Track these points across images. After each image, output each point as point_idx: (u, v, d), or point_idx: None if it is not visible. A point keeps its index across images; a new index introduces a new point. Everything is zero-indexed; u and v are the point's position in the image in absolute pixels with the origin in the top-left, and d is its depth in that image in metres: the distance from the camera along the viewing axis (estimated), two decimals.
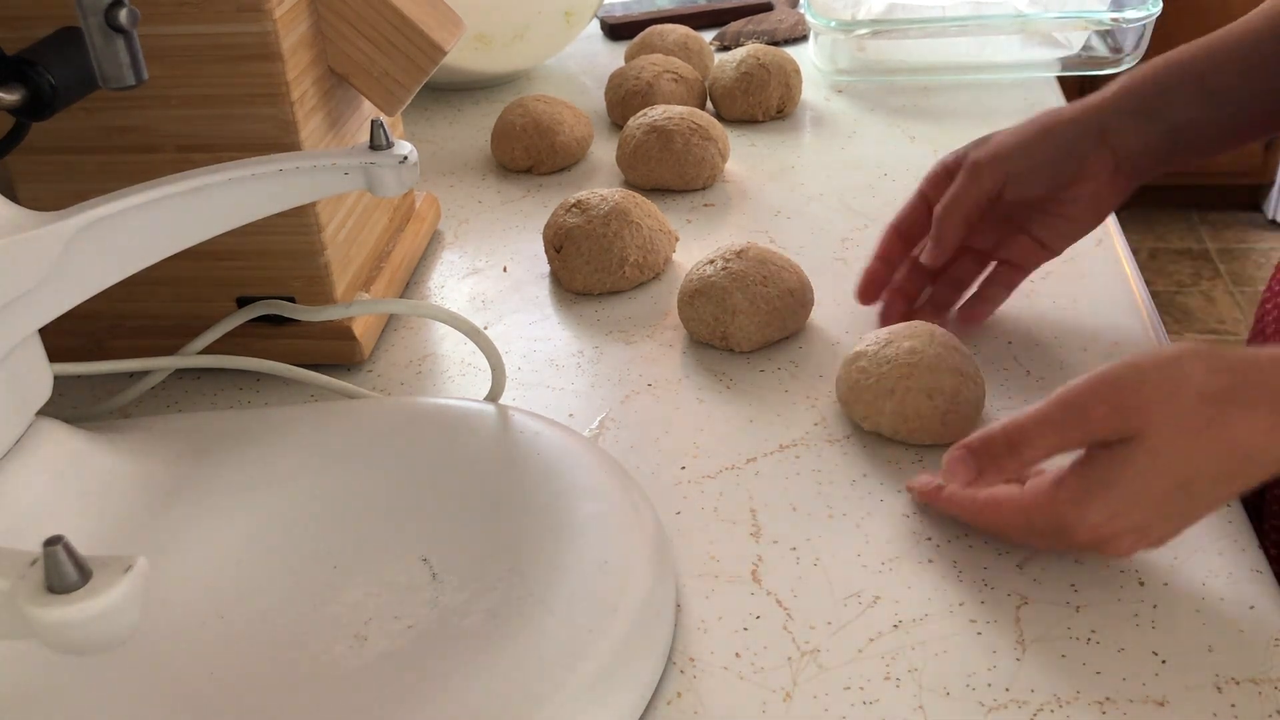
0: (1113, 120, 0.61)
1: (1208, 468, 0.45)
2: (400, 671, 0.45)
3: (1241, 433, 0.44)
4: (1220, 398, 0.44)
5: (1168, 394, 0.44)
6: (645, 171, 0.86)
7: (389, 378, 0.68)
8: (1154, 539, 0.48)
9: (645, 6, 1.23)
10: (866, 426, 0.59)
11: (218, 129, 0.61)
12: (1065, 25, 1.02)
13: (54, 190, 0.64)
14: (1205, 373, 0.44)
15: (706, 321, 0.67)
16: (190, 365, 0.63)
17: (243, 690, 0.45)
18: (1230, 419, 0.44)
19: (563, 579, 0.48)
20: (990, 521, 0.51)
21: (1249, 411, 0.44)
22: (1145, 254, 2.61)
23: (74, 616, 0.32)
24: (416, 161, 0.55)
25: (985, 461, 0.48)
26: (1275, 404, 0.44)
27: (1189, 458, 0.45)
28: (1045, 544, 0.50)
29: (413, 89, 0.67)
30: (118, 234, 0.51)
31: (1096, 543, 0.47)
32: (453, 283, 0.78)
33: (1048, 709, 0.45)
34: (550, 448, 0.56)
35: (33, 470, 0.50)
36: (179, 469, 0.55)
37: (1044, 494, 0.47)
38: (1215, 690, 0.45)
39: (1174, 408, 0.44)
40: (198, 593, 0.49)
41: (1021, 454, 0.47)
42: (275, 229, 0.61)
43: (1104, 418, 0.45)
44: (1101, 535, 0.47)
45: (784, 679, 0.47)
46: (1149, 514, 0.46)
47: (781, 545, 0.53)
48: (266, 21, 0.58)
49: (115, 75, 0.44)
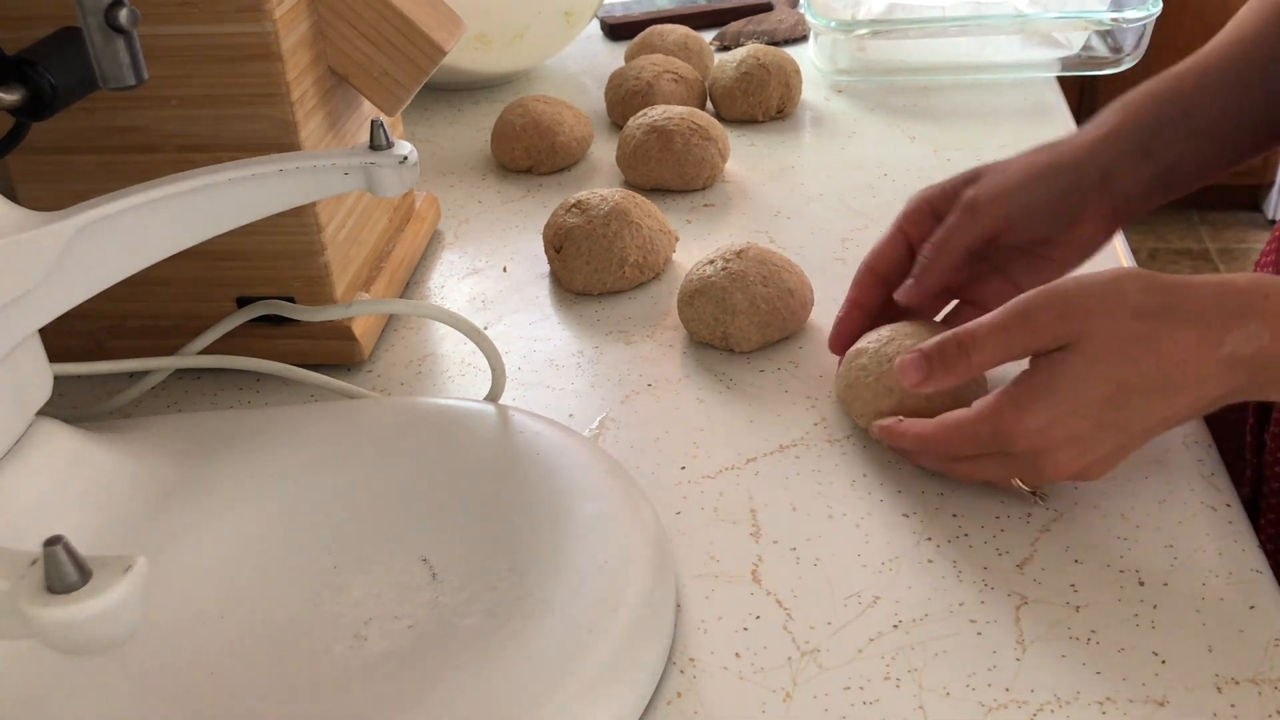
0: (1114, 163, 0.59)
1: (1139, 379, 0.48)
2: (400, 671, 0.45)
3: (1169, 346, 0.47)
4: (1153, 313, 0.47)
5: (1106, 306, 0.48)
6: (645, 171, 0.86)
7: (389, 378, 0.68)
8: (1090, 459, 0.50)
9: (645, 6, 1.23)
10: (863, 424, 0.59)
11: (218, 129, 0.61)
12: (1065, 25, 1.02)
13: (54, 190, 0.64)
14: (1141, 290, 0.48)
15: (706, 321, 0.67)
16: (190, 365, 0.63)
17: (243, 690, 0.45)
18: (1160, 334, 0.47)
19: (563, 579, 0.48)
20: (942, 443, 0.53)
21: (1177, 328, 0.47)
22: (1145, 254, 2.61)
23: (74, 616, 0.32)
24: (416, 161, 0.55)
25: (936, 362, 0.52)
26: (1201, 323, 0.47)
27: (1122, 366, 0.48)
28: (993, 470, 0.53)
29: (413, 89, 0.67)
30: (118, 234, 0.51)
31: (1036, 452, 0.50)
32: (453, 283, 0.78)
33: (1048, 709, 0.45)
34: (550, 448, 0.56)
35: (33, 470, 0.50)
36: (179, 469, 0.55)
37: (988, 403, 0.51)
38: (1215, 690, 0.45)
39: (1111, 319, 0.48)
40: (197, 593, 0.49)
41: (970, 356, 0.51)
42: (275, 229, 0.61)
43: (1047, 324, 0.49)
44: (1040, 445, 0.49)
45: (784, 679, 0.47)
46: (1085, 423, 0.49)
47: (781, 545, 0.53)
48: (266, 21, 0.58)
49: (115, 75, 0.44)
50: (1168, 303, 0.48)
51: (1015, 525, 0.54)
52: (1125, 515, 0.54)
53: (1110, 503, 0.54)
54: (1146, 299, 0.48)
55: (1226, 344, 0.47)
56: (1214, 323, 0.47)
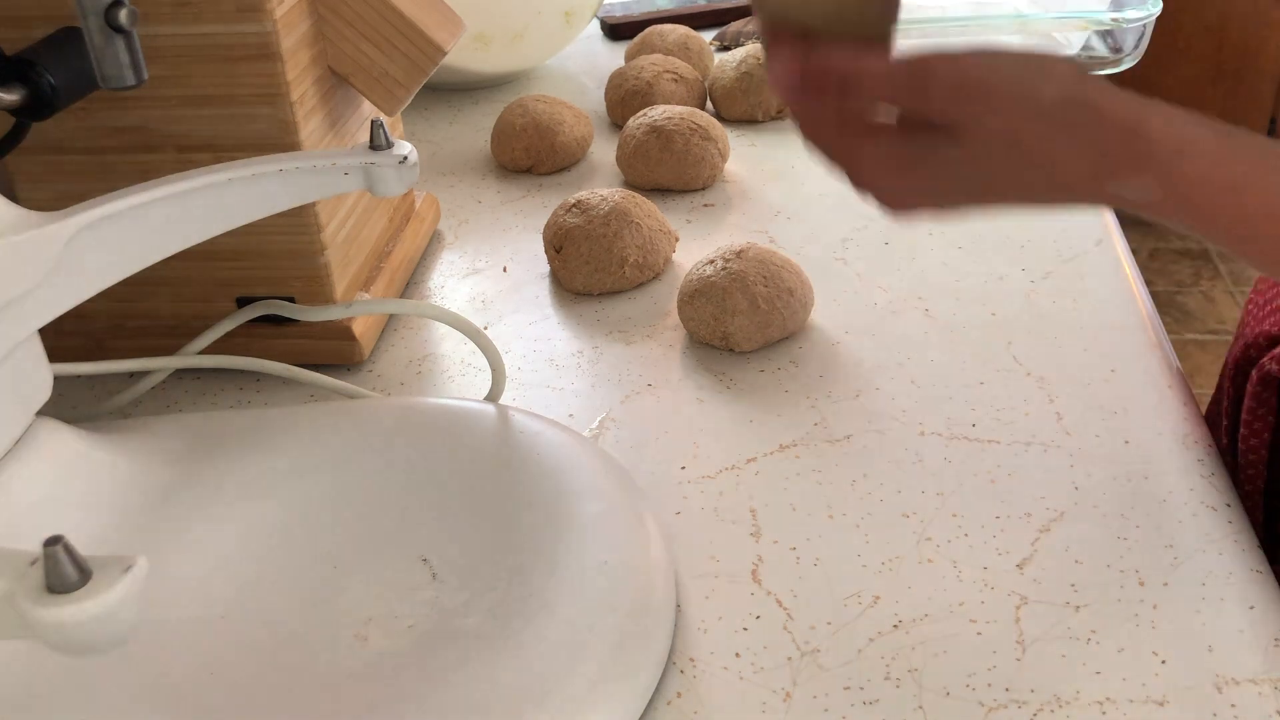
0: None
1: (1013, 188, 0.43)
2: (400, 671, 0.45)
3: (1059, 170, 0.42)
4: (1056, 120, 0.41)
5: (1009, 101, 0.42)
6: (645, 171, 0.86)
7: (389, 378, 0.68)
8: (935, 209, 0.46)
9: (645, 6, 1.23)
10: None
11: (218, 129, 0.61)
12: (1065, 25, 1.02)
13: (54, 190, 0.64)
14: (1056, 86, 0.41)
15: (706, 321, 0.67)
16: (190, 365, 0.63)
17: (243, 690, 0.45)
18: (1054, 150, 0.42)
19: (563, 579, 0.48)
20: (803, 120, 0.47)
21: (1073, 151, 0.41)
22: (1145, 254, 2.60)
23: (74, 616, 0.32)
24: (416, 161, 0.55)
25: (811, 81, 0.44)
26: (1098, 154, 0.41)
27: (1000, 174, 0.43)
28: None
29: (413, 89, 0.67)
30: (118, 234, 0.51)
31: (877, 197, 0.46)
32: (453, 283, 0.78)
33: (1048, 709, 0.45)
34: (550, 448, 0.56)
35: (33, 470, 0.50)
36: (179, 469, 0.55)
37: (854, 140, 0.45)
38: (1215, 690, 0.45)
39: (1008, 117, 0.42)
40: (198, 592, 0.49)
41: (846, 93, 0.44)
42: (275, 229, 0.61)
43: (940, 96, 0.42)
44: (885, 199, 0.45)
45: (784, 679, 0.47)
46: (941, 200, 0.45)
47: (781, 545, 0.53)
48: (266, 21, 0.58)
49: (115, 75, 0.44)
50: (1074, 118, 0.41)
51: (1015, 525, 0.54)
52: (1125, 515, 0.54)
53: (1110, 503, 0.54)
54: (1057, 96, 0.41)
55: (1115, 185, 0.42)
56: (1111, 158, 0.41)
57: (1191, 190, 0.40)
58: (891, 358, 0.66)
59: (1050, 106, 0.41)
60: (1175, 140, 0.40)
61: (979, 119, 0.42)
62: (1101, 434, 0.59)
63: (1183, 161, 0.40)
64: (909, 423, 0.61)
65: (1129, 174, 0.41)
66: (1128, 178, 0.41)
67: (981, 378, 0.64)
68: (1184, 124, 0.41)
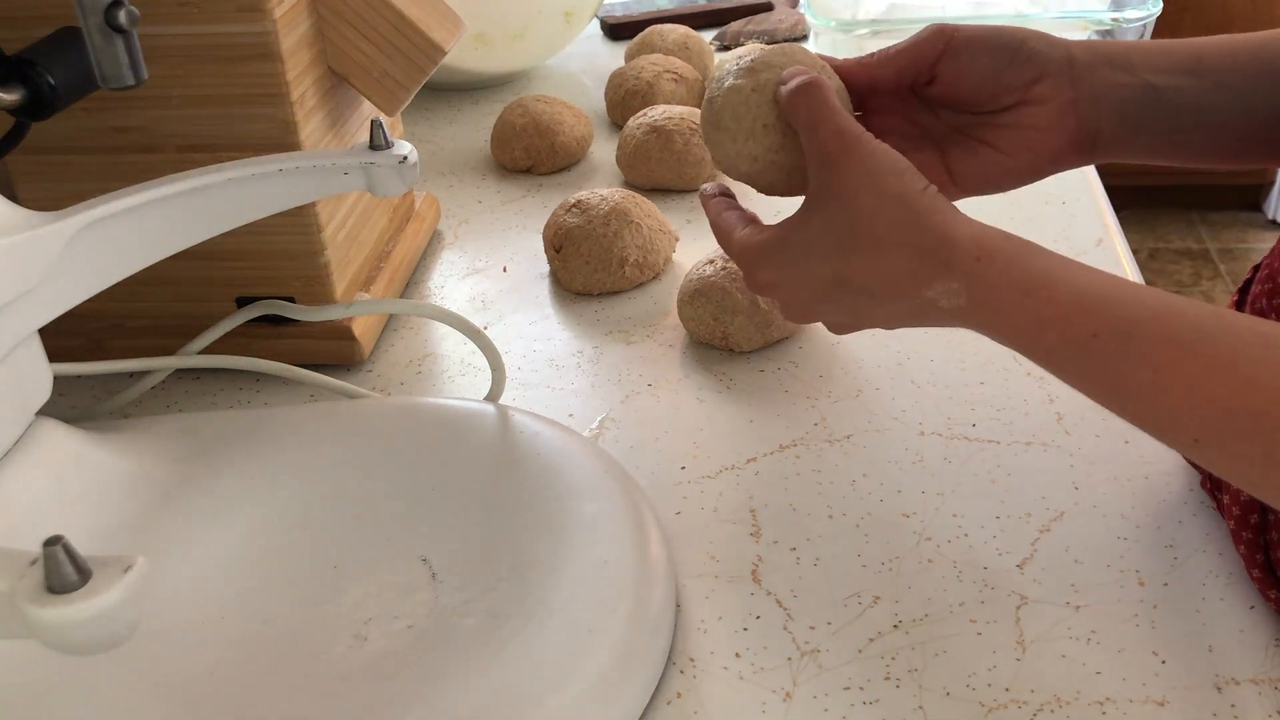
0: (1087, 54, 0.52)
1: (852, 278, 0.47)
2: (400, 671, 0.45)
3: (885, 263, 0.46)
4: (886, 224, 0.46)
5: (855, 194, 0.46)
6: (645, 171, 0.86)
7: (389, 378, 0.68)
8: (817, 320, 0.51)
9: (645, 6, 1.23)
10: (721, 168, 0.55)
11: (218, 129, 0.61)
12: (1065, 25, 1.02)
13: (54, 190, 0.64)
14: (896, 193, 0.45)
15: (706, 321, 0.67)
16: (190, 365, 0.63)
17: (243, 690, 0.45)
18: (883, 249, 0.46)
19: (563, 579, 0.48)
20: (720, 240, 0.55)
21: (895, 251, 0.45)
22: (1145, 254, 2.60)
23: (73, 616, 0.32)
24: (416, 161, 0.55)
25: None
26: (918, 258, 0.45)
27: (840, 260, 0.47)
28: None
29: (413, 89, 0.67)
30: (118, 234, 0.51)
31: (768, 296, 0.53)
32: (453, 283, 0.78)
33: (1048, 709, 0.45)
34: (550, 448, 0.56)
35: (33, 470, 0.50)
36: (179, 469, 0.55)
37: (742, 240, 0.52)
38: (1215, 690, 0.45)
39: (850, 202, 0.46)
40: (198, 592, 0.49)
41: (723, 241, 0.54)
42: (275, 229, 0.61)
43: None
44: (771, 295, 0.51)
45: (784, 679, 0.47)
46: (808, 293, 0.49)
47: (781, 545, 0.53)
48: (266, 21, 0.58)
49: (115, 75, 0.44)
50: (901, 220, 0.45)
51: (1015, 525, 0.54)
52: (1125, 515, 0.54)
53: (1110, 503, 0.54)
54: (897, 192, 0.46)
55: (930, 290, 0.45)
56: (927, 264, 0.45)
57: (989, 294, 0.44)
58: (891, 358, 0.66)
59: (888, 202, 0.45)
60: (978, 248, 0.44)
61: (842, 190, 0.47)
62: (1101, 434, 0.59)
63: (982, 266, 0.44)
64: (909, 423, 0.61)
65: (940, 277, 0.44)
66: (942, 281, 0.44)
67: (981, 378, 0.64)
68: (991, 236, 0.44)
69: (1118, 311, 0.41)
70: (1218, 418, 0.38)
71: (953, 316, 0.45)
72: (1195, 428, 0.39)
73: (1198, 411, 0.38)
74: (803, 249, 0.48)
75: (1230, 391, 0.38)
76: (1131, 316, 0.41)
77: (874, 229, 0.46)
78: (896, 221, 0.45)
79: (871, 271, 0.46)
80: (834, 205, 0.47)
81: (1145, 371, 0.40)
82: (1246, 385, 0.38)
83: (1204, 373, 0.39)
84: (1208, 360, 0.39)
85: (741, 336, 0.66)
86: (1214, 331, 0.39)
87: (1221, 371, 0.38)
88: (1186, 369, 0.39)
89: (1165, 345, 0.40)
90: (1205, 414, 0.38)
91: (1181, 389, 0.39)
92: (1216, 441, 0.39)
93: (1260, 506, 0.49)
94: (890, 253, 0.45)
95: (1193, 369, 0.39)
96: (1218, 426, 0.38)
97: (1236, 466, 0.39)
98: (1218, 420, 0.38)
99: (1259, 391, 0.37)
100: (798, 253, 0.48)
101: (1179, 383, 0.39)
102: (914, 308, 0.46)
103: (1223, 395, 0.38)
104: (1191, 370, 0.39)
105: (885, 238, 0.45)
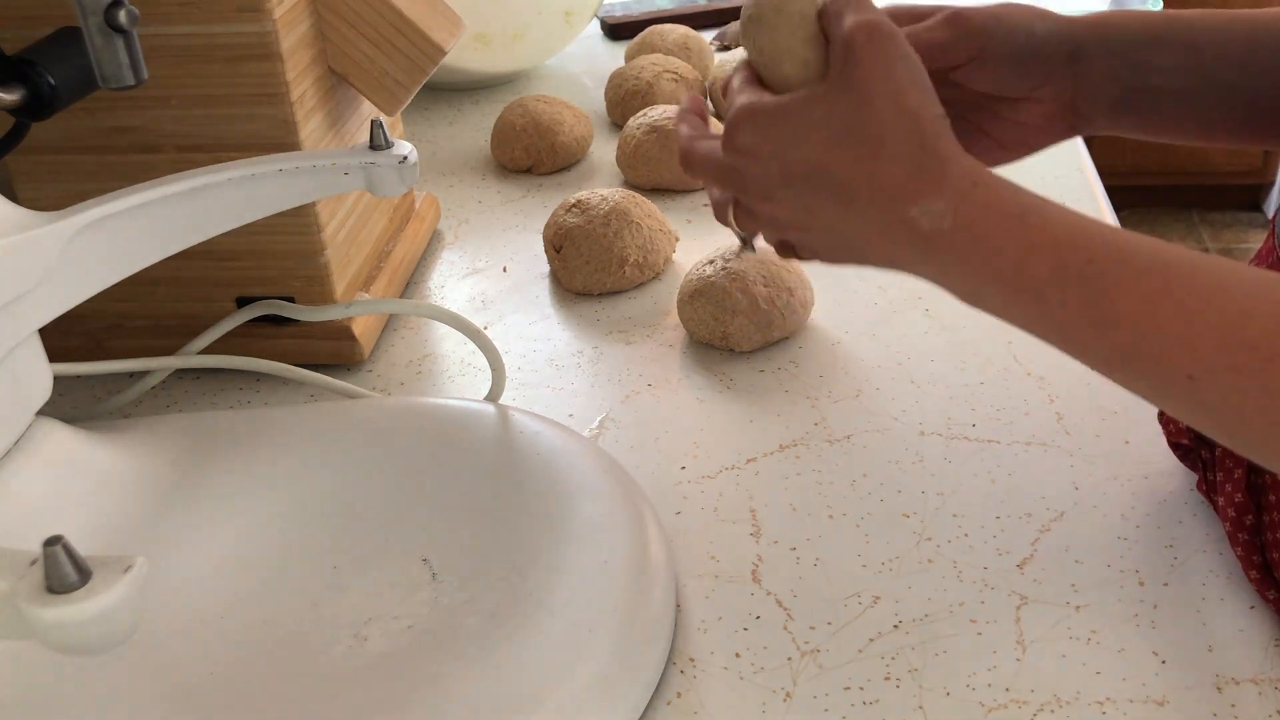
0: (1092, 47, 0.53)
1: (837, 173, 0.46)
2: (400, 671, 0.45)
3: (880, 168, 0.45)
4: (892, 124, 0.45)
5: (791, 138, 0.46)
6: (645, 171, 0.86)
7: (389, 378, 0.68)
8: (770, 217, 0.49)
9: (645, 6, 1.23)
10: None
11: (218, 129, 0.61)
12: None
13: (54, 190, 0.64)
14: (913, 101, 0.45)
15: (706, 321, 0.67)
16: (190, 365, 0.63)
17: (243, 690, 0.45)
18: (880, 145, 0.44)
19: (563, 579, 0.48)
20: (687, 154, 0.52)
21: (892, 157, 0.44)
22: None
23: (73, 617, 0.32)
24: (416, 161, 0.55)
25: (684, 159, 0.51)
26: (909, 170, 0.44)
27: (833, 148, 0.46)
28: (715, 181, 0.51)
29: (413, 89, 0.67)
30: (118, 234, 0.51)
31: (733, 177, 0.48)
32: (453, 283, 0.78)
33: (1048, 709, 0.45)
34: (550, 448, 0.56)
35: (33, 470, 0.50)
36: (179, 469, 0.55)
37: (740, 99, 0.49)
38: (1215, 690, 0.45)
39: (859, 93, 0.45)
40: (197, 592, 0.49)
41: (691, 170, 0.51)
42: (275, 229, 0.61)
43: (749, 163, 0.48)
44: (737, 164, 0.48)
45: (784, 679, 0.47)
46: (777, 171, 0.47)
47: (781, 545, 0.53)
48: (266, 21, 0.58)
49: (115, 75, 0.44)
50: (909, 135, 0.45)
51: (1015, 525, 0.54)
52: (1125, 515, 0.54)
53: (1110, 503, 0.54)
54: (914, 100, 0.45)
55: (914, 208, 0.44)
56: (918, 180, 0.44)
57: (978, 216, 0.43)
58: (891, 358, 0.66)
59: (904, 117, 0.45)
60: (975, 174, 0.44)
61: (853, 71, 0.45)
62: (1101, 434, 0.59)
63: (977, 191, 0.43)
64: (909, 423, 0.61)
65: (929, 193, 0.44)
66: (929, 200, 0.44)
67: (981, 378, 0.64)
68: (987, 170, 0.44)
69: (1112, 240, 0.41)
70: (1211, 350, 0.38)
71: (925, 243, 0.44)
72: (1189, 361, 0.38)
73: (1191, 344, 0.38)
74: (797, 128, 0.46)
75: (1224, 322, 0.38)
76: (1126, 245, 0.41)
77: (880, 134, 0.45)
78: (905, 135, 0.44)
79: (860, 172, 0.45)
80: (845, 100, 0.45)
81: (1137, 301, 0.39)
82: (1241, 316, 0.37)
83: (1199, 303, 0.38)
84: (1203, 289, 0.39)
85: (741, 336, 0.66)
86: (1208, 264, 0.39)
87: (1216, 300, 0.38)
88: (1180, 297, 0.39)
89: (1158, 273, 0.39)
90: (1199, 346, 0.38)
91: (1176, 319, 0.39)
92: (1209, 375, 0.38)
93: (1255, 507, 0.49)
94: (887, 160, 0.45)
95: (1186, 297, 0.39)
96: (1211, 361, 0.38)
97: (1231, 402, 0.38)
98: (1212, 353, 0.38)
99: (1254, 322, 0.37)
100: (790, 130, 0.47)
101: (1172, 310, 0.39)
102: (886, 224, 0.45)
103: (1216, 325, 0.38)
104: (1185, 299, 0.39)
105: (887, 145, 0.45)
